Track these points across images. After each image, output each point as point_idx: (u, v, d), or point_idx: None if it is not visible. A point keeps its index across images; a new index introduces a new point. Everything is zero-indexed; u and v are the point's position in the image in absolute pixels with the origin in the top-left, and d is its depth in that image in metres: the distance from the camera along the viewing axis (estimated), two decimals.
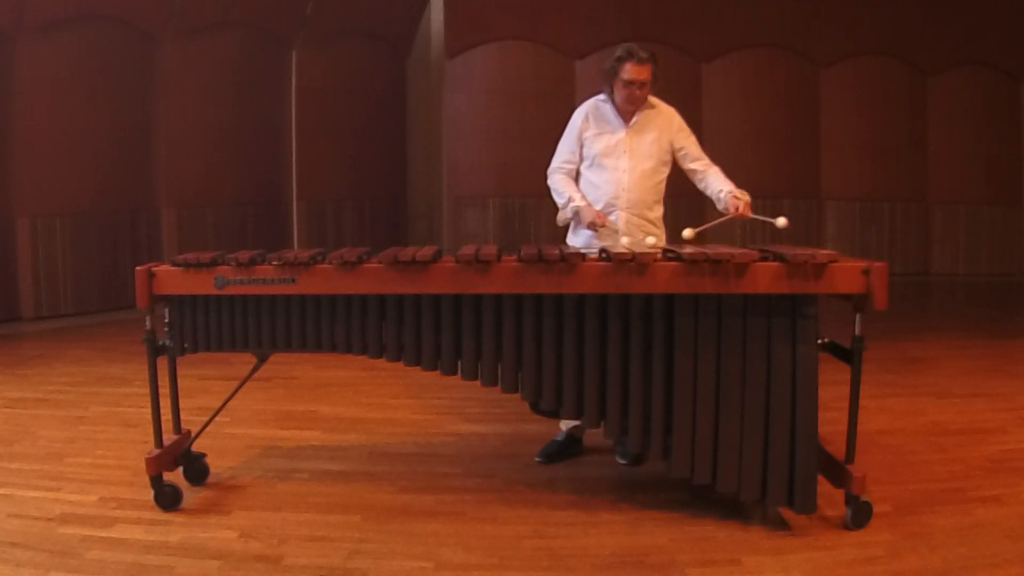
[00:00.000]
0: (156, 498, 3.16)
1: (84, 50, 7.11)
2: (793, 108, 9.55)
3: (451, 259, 3.04)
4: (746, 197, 3.62)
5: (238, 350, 3.18)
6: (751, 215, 3.59)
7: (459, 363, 3.11)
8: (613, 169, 3.66)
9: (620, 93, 3.60)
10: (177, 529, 3.01)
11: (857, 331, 2.94)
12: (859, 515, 2.95)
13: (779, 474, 2.92)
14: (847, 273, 2.88)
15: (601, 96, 3.69)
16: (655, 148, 3.68)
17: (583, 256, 3.00)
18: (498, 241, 8.65)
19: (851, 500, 2.95)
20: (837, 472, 3.04)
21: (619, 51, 3.56)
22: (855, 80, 9.51)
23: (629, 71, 3.52)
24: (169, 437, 3.30)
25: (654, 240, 3.42)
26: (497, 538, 2.95)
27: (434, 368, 3.14)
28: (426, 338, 3.09)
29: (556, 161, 3.76)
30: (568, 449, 3.73)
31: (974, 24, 9.38)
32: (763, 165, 9.50)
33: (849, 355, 2.98)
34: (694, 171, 3.78)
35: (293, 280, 3.05)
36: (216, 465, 3.54)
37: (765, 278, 2.87)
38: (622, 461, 3.64)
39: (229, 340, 3.16)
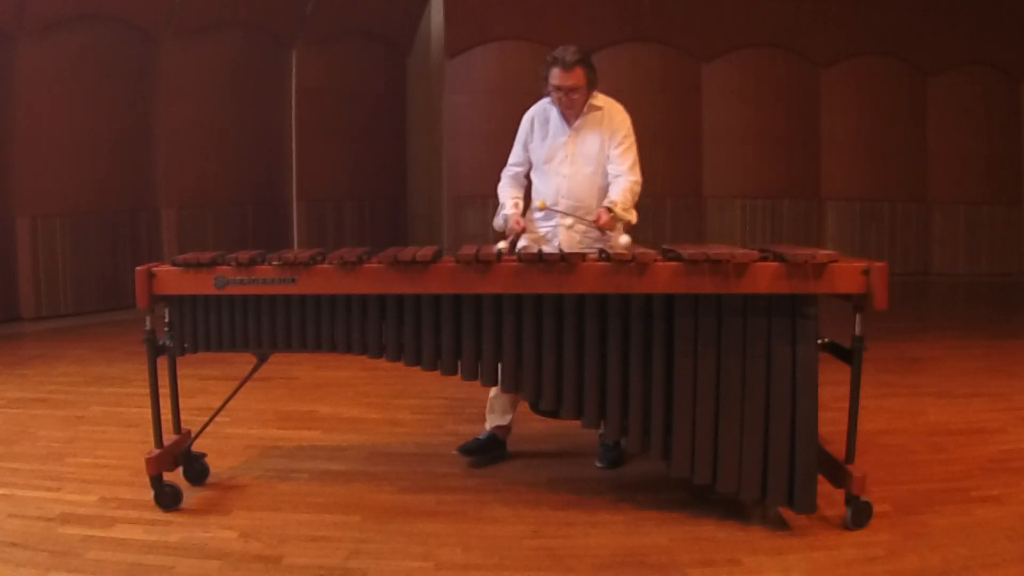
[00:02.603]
0: (156, 498, 3.16)
1: (84, 50, 7.11)
2: (793, 108, 9.55)
3: (451, 259, 3.04)
4: (626, 217, 3.44)
5: (238, 350, 3.18)
6: (606, 231, 3.44)
7: (459, 363, 3.11)
8: (554, 174, 3.61)
9: (552, 98, 3.55)
10: (177, 529, 3.01)
11: (857, 331, 2.94)
12: (859, 515, 2.95)
13: (779, 474, 2.92)
14: (847, 273, 2.88)
15: (549, 100, 3.64)
16: (597, 152, 3.58)
17: (583, 256, 3.00)
18: (498, 241, 8.63)
19: (851, 500, 2.95)
20: (837, 472, 3.04)
21: (549, 55, 3.49)
22: (855, 80, 9.51)
23: (556, 77, 3.46)
24: (169, 437, 3.30)
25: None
26: (497, 538, 2.95)
27: (434, 368, 3.14)
28: (426, 338, 3.09)
29: (507, 165, 3.75)
30: (489, 450, 3.68)
31: (974, 24, 9.38)
32: (763, 165, 9.52)
33: (849, 355, 2.98)
34: (608, 173, 3.60)
35: (293, 280, 3.05)
36: (216, 465, 3.54)
37: (765, 278, 2.87)
38: (599, 464, 3.62)
39: (229, 340, 3.16)
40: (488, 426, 3.73)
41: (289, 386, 5.01)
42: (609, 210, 3.42)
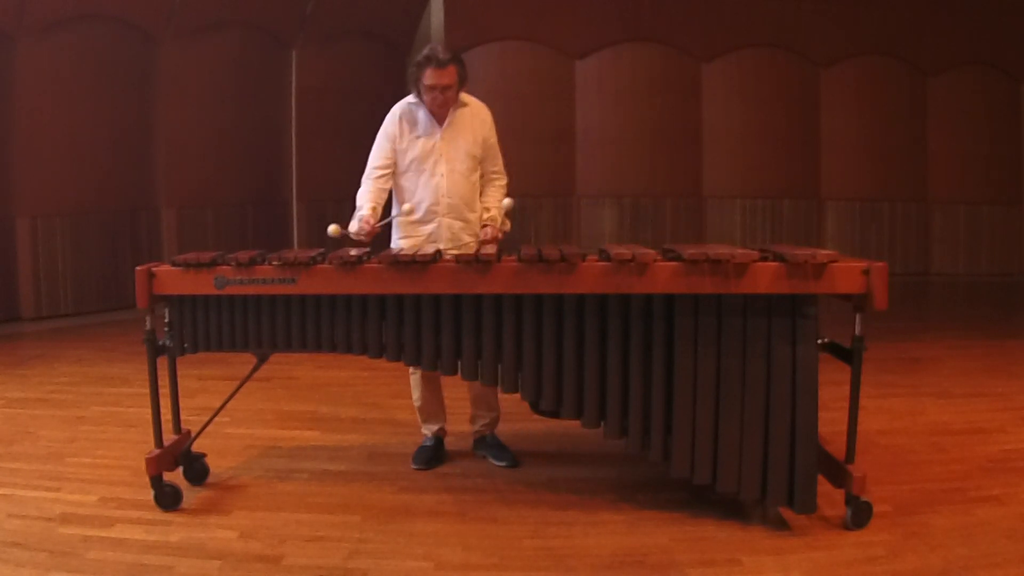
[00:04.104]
0: (156, 498, 3.16)
1: (84, 50, 7.12)
2: (793, 108, 9.56)
3: (451, 259, 3.05)
4: (503, 227, 3.65)
5: (238, 350, 3.18)
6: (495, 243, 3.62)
7: (459, 363, 3.11)
8: (431, 174, 3.58)
9: (425, 98, 3.52)
10: (177, 529, 3.01)
11: (857, 331, 2.94)
12: (859, 515, 2.95)
13: (779, 474, 2.92)
14: (847, 273, 2.88)
15: (412, 99, 3.59)
16: (469, 148, 3.60)
17: (583, 256, 3.00)
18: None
19: (851, 500, 2.95)
20: (837, 472, 3.04)
21: (420, 55, 3.47)
22: (855, 80, 9.51)
23: (430, 76, 3.43)
24: (169, 437, 3.30)
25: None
26: (497, 538, 2.95)
27: (434, 368, 3.15)
28: (426, 338, 3.09)
29: (368, 169, 3.62)
30: (439, 452, 3.73)
31: (974, 24, 9.38)
32: (763, 165, 9.52)
33: (849, 355, 2.98)
34: (483, 173, 3.69)
35: (293, 280, 3.05)
36: (216, 465, 3.54)
37: (765, 278, 2.87)
38: (500, 464, 3.63)
39: (229, 340, 3.16)
40: (429, 434, 3.76)
41: (289, 386, 5.01)
42: (487, 224, 3.62)
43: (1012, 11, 9.23)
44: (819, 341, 2.99)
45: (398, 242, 3.67)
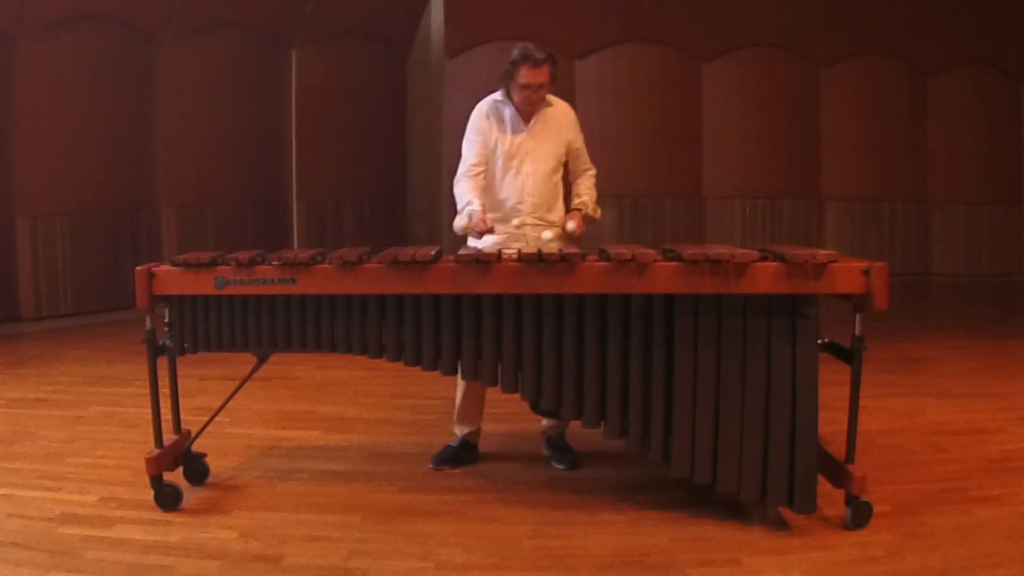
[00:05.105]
0: (156, 498, 3.16)
1: (84, 50, 7.12)
2: (793, 108, 9.55)
3: (451, 259, 3.04)
4: (594, 214, 3.67)
5: (238, 350, 3.18)
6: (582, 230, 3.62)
7: (459, 363, 3.11)
8: (516, 173, 3.58)
9: (518, 96, 3.52)
10: (177, 529, 3.01)
11: (857, 331, 2.94)
12: (859, 515, 2.95)
13: (779, 474, 2.92)
14: (847, 273, 2.88)
15: (498, 96, 3.60)
16: (555, 149, 3.61)
17: (583, 256, 3.00)
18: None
19: (851, 500, 2.95)
20: (837, 472, 3.04)
21: (514, 53, 3.46)
22: (855, 80, 9.51)
23: (525, 75, 3.43)
24: (169, 437, 3.30)
25: (551, 235, 3.43)
26: (497, 538, 2.95)
27: (434, 368, 3.14)
28: (426, 338, 3.09)
29: (463, 167, 3.59)
30: (462, 454, 3.68)
31: (974, 24, 9.38)
32: (763, 165, 9.52)
33: (849, 355, 2.98)
34: (574, 170, 3.75)
35: (293, 280, 3.05)
36: (216, 465, 3.54)
37: (765, 278, 2.87)
38: (560, 466, 3.60)
39: (229, 340, 3.16)
40: (459, 434, 3.73)
41: (289, 386, 5.01)
42: (578, 209, 3.61)
43: (1012, 11, 9.23)
44: (819, 341, 2.99)
45: (474, 242, 3.58)
